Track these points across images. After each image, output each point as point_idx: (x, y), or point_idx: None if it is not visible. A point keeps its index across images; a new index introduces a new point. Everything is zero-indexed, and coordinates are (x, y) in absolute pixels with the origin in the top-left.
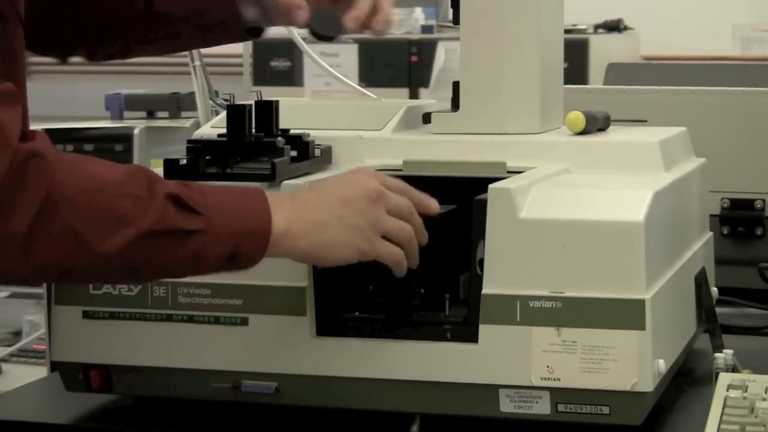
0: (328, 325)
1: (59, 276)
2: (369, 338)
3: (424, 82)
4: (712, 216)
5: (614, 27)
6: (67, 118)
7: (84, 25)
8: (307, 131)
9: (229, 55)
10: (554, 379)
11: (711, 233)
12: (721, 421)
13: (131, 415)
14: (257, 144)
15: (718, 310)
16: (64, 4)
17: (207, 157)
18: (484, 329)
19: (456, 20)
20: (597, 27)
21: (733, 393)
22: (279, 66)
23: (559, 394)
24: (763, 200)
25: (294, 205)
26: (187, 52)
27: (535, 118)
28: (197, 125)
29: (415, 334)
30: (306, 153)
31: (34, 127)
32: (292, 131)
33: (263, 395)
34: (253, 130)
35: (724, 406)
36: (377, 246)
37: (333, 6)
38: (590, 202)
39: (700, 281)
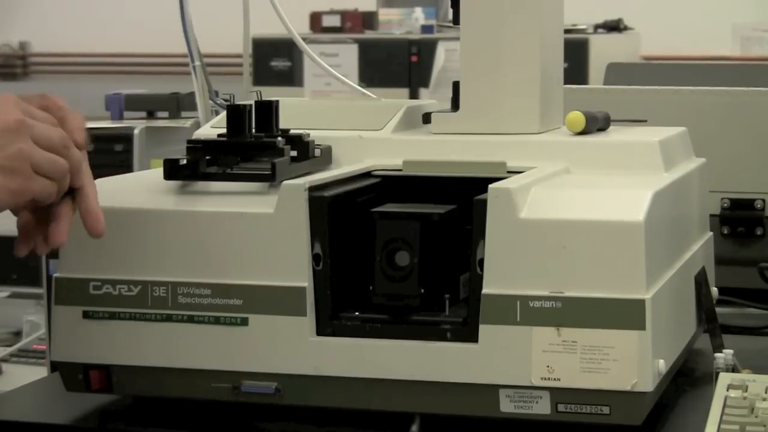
0: (328, 325)
1: None
2: (369, 338)
3: (424, 82)
4: (712, 216)
5: (614, 27)
6: None
7: None
8: (307, 131)
9: (229, 55)
10: (554, 379)
11: (711, 233)
12: (721, 421)
13: (131, 415)
14: (257, 144)
15: (718, 310)
16: None
17: (207, 157)
18: (484, 329)
19: (456, 20)
20: (597, 27)
21: (733, 393)
22: (279, 66)
23: (559, 394)
24: (763, 200)
25: None
26: (186, 52)
27: (535, 118)
28: (197, 125)
29: (415, 334)
30: (306, 153)
31: None
32: (292, 131)
33: (263, 395)
34: (253, 130)
35: (724, 406)
36: (29, 184)
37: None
38: (590, 202)
39: (700, 281)
